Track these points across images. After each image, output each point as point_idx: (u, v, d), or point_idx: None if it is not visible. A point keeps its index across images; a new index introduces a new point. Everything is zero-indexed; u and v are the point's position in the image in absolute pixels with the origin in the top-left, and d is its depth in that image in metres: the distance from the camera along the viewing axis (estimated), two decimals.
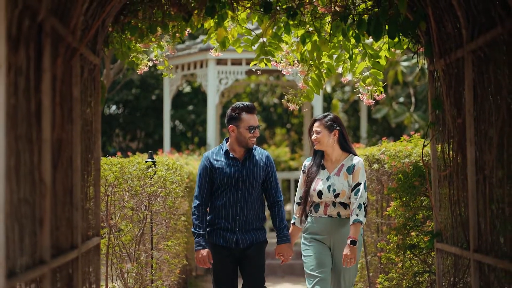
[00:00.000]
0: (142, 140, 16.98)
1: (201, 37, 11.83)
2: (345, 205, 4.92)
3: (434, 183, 4.94)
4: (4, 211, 2.48)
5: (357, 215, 4.79)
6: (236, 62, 11.21)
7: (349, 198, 4.90)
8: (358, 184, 4.89)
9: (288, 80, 13.29)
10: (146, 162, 5.91)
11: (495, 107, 3.75)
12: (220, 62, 11.12)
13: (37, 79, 3.01)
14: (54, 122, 3.31)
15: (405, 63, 13.38)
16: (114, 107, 16.91)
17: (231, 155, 4.96)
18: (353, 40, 4.93)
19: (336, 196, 4.90)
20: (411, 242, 5.58)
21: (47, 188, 3.13)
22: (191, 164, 9.21)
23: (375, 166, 6.46)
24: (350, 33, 4.83)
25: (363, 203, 4.83)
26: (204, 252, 4.87)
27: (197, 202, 4.96)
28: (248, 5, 4.89)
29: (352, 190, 4.88)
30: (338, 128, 4.98)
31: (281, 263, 5.18)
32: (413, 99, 14.48)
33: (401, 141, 6.54)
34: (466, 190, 4.23)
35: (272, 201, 5.09)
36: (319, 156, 5.05)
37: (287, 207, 15.03)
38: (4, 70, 2.37)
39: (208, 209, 5.06)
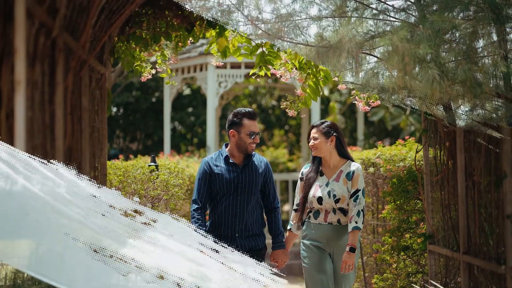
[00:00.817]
0: (142, 141, 17.13)
1: (201, 41, 11.94)
2: (345, 212, 4.95)
3: (426, 187, 5.10)
4: None
5: (356, 222, 4.83)
6: (235, 66, 11.32)
7: (348, 204, 4.92)
8: (357, 191, 4.91)
9: (285, 83, 13.45)
10: (149, 166, 6.03)
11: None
12: (219, 65, 11.19)
13: (50, 92, 3.19)
14: (66, 131, 3.49)
15: None
16: (114, 109, 17.07)
17: (231, 161, 4.99)
18: None
19: (337, 201, 4.92)
20: (405, 243, 5.72)
21: None
22: (191, 166, 9.36)
23: (371, 169, 6.60)
24: None
25: (362, 210, 4.87)
26: None
27: (196, 206, 4.95)
28: None
29: (351, 197, 4.91)
30: (335, 134, 5.00)
31: (276, 269, 5.21)
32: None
33: (396, 145, 6.67)
34: (457, 195, 4.39)
35: (269, 207, 5.12)
36: (317, 162, 5.09)
37: (286, 208, 15.17)
38: (24, 86, 2.55)
39: (207, 213, 5.11)
